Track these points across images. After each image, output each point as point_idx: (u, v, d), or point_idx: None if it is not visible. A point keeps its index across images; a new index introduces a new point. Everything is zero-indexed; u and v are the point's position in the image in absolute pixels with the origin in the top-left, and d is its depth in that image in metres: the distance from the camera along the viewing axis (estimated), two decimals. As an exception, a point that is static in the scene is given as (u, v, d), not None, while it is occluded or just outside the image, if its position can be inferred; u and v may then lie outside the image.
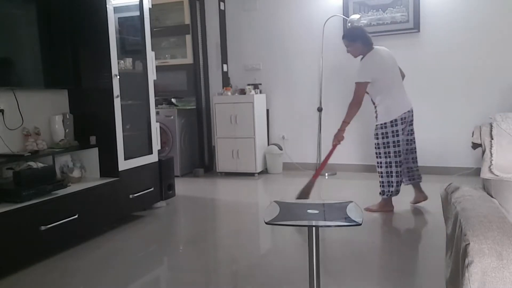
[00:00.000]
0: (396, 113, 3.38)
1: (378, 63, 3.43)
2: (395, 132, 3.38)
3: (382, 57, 3.46)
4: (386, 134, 3.40)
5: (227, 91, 5.36)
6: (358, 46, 3.49)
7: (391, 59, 3.52)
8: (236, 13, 5.61)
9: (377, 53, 3.46)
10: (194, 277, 2.51)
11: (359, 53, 3.51)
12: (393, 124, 3.37)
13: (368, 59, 3.44)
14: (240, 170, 5.27)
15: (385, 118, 3.40)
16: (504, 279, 1.08)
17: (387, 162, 3.43)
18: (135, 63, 3.78)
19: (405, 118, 3.41)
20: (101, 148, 3.43)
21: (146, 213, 3.80)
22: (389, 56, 3.53)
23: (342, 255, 2.73)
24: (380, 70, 3.42)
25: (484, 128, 1.58)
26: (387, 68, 3.46)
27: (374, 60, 3.43)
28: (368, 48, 3.46)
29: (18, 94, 3.10)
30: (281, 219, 1.85)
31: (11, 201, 2.66)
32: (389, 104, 3.40)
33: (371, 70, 3.40)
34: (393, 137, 3.38)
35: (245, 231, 3.36)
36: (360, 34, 3.52)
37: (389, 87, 3.43)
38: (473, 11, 4.59)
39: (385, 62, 3.46)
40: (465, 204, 1.42)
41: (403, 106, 3.42)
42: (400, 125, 3.38)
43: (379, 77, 3.40)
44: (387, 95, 3.41)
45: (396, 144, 3.39)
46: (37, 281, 2.52)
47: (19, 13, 3.08)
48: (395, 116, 3.37)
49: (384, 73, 3.43)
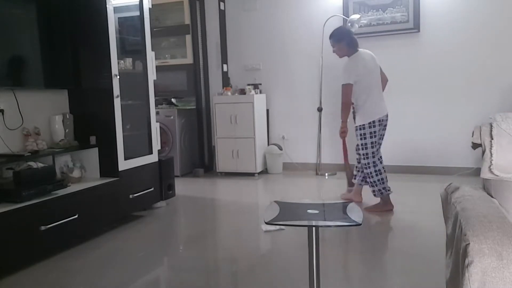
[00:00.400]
0: (375, 115, 3.48)
1: (360, 65, 3.51)
2: (373, 133, 3.48)
3: (365, 60, 3.55)
4: (364, 135, 3.51)
5: (227, 91, 5.36)
6: (343, 47, 3.57)
7: (373, 63, 3.60)
8: (236, 13, 5.61)
9: (360, 55, 3.55)
10: (194, 277, 2.51)
11: (344, 53, 3.60)
12: (371, 126, 3.48)
13: (351, 60, 3.53)
14: (240, 170, 5.27)
15: (364, 120, 3.50)
16: (504, 279, 1.08)
17: (368, 164, 3.55)
18: (135, 63, 3.78)
19: (382, 121, 3.53)
20: (101, 148, 3.43)
21: (146, 213, 3.80)
22: (372, 59, 3.60)
23: (342, 255, 2.73)
24: (362, 72, 3.49)
25: (484, 128, 1.58)
26: (369, 71, 3.53)
27: (357, 62, 3.51)
28: (353, 50, 3.55)
29: (18, 94, 3.10)
30: (281, 219, 1.85)
31: (11, 201, 2.66)
32: (369, 107, 3.49)
33: (354, 71, 3.48)
34: (371, 138, 3.49)
35: (245, 231, 3.36)
36: (346, 35, 3.61)
37: (370, 90, 3.51)
38: (473, 11, 4.59)
39: (367, 65, 3.53)
40: (465, 204, 1.42)
41: (381, 110, 3.52)
42: (377, 127, 3.49)
43: (361, 79, 3.48)
44: (367, 97, 3.50)
45: (374, 145, 3.51)
46: (37, 281, 2.52)
47: (19, 13, 3.08)
48: (373, 118, 3.47)
49: (365, 75, 3.50)
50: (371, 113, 3.48)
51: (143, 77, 3.80)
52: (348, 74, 3.48)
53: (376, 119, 3.48)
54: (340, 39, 3.58)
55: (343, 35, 3.61)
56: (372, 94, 3.51)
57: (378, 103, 3.53)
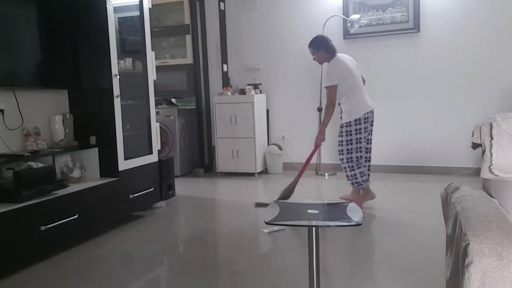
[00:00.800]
0: (359, 112, 3.65)
1: (340, 68, 3.68)
2: (358, 130, 3.65)
3: (344, 63, 3.71)
4: (350, 132, 3.66)
5: (227, 91, 5.35)
6: (322, 54, 3.75)
7: (352, 65, 3.77)
8: (236, 13, 5.61)
9: (339, 59, 3.72)
10: (194, 277, 2.51)
11: (324, 60, 3.78)
12: (357, 123, 3.65)
13: (331, 65, 3.71)
14: (240, 170, 5.27)
15: (350, 117, 3.66)
16: (504, 279, 1.08)
17: (348, 158, 3.69)
18: (135, 63, 3.78)
19: (367, 117, 3.69)
20: (101, 148, 3.43)
21: (146, 213, 3.80)
22: (350, 61, 3.79)
23: (342, 255, 2.73)
24: (342, 75, 3.65)
25: (484, 128, 1.58)
26: (349, 72, 3.69)
27: (337, 65, 3.68)
28: (331, 55, 3.73)
29: (18, 94, 3.10)
30: (281, 219, 1.85)
31: (11, 201, 2.66)
32: (353, 105, 3.67)
33: (336, 74, 3.64)
34: (356, 134, 3.66)
35: (245, 231, 3.36)
36: (323, 44, 3.77)
37: (352, 90, 3.67)
38: (473, 11, 4.59)
39: (347, 67, 3.69)
40: (465, 204, 1.42)
41: (365, 106, 3.69)
42: (363, 123, 3.66)
43: (342, 81, 3.64)
44: (350, 97, 3.67)
45: (358, 141, 3.67)
46: (37, 281, 2.52)
47: (19, 13, 3.08)
48: (358, 115, 3.64)
49: (346, 77, 3.66)
50: (356, 111, 3.65)
51: (143, 77, 3.80)
52: (331, 76, 3.65)
53: (361, 116, 3.64)
54: (318, 48, 3.76)
55: (321, 43, 3.78)
56: (355, 93, 3.68)
57: (362, 100, 3.70)
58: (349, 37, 5.08)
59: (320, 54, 3.76)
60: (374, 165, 5.08)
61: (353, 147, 3.66)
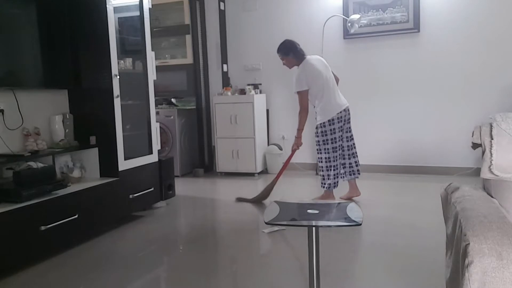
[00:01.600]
0: (332, 113, 3.74)
1: (309, 71, 3.74)
2: (333, 130, 3.74)
3: (313, 65, 3.77)
4: (325, 132, 3.76)
5: (227, 91, 5.35)
6: (291, 59, 3.84)
7: (322, 66, 3.83)
8: (236, 13, 5.61)
9: (309, 62, 3.78)
10: (194, 277, 2.51)
11: (293, 64, 3.86)
12: (331, 123, 3.74)
13: (299, 70, 3.77)
14: (240, 170, 5.27)
15: (324, 118, 3.76)
16: (504, 279, 1.08)
17: (327, 158, 3.77)
18: (135, 63, 3.78)
19: (341, 117, 3.77)
20: (101, 148, 3.43)
21: (146, 213, 3.80)
22: (321, 63, 3.85)
23: (342, 255, 2.73)
24: (312, 77, 3.72)
25: (484, 128, 1.58)
26: (319, 74, 3.75)
27: (306, 69, 3.75)
28: (300, 59, 3.80)
29: (18, 94, 3.10)
30: (281, 219, 1.85)
31: (11, 201, 2.66)
32: (325, 106, 3.75)
33: (305, 79, 3.72)
34: (331, 134, 3.75)
35: (245, 231, 3.36)
36: (292, 48, 3.84)
37: (323, 91, 3.75)
38: (473, 11, 4.59)
39: (316, 69, 3.75)
40: (465, 204, 1.42)
41: (337, 106, 3.77)
42: (337, 123, 3.75)
43: (312, 84, 3.73)
44: (322, 98, 3.75)
45: (334, 141, 3.76)
46: (37, 281, 2.52)
47: (19, 13, 3.08)
48: (331, 115, 3.73)
49: (316, 80, 3.73)
50: (329, 111, 3.74)
51: (143, 77, 3.80)
52: (300, 81, 3.72)
53: (335, 116, 3.73)
54: (287, 53, 3.84)
55: (289, 48, 3.84)
56: (327, 94, 3.76)
57: (334, 101, 3.78)
58: (349, 37, 5.08)
59: (289, 59, 3.85)
60: (374, 165, 5.11)
61: (330, 147, 3.75)
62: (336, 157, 3.76)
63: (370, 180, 4.79)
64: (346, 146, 3.88)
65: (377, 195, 4.19)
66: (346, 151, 3.88)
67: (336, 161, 3.77)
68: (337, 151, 3.77)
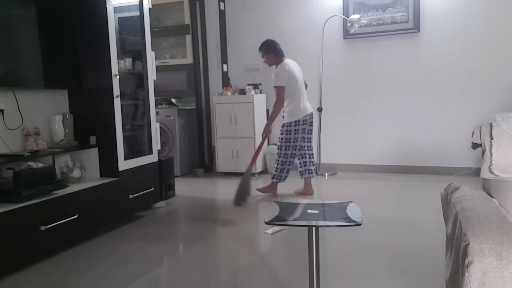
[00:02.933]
0: (299, 115, 4.06)
1: (288, 71, 4.03)
2: (296, 131, 4.06)
3: (291, 67, 4.07)
4: (289, 132, 4.07)
5: (227, 91, 5.35)
6: (271, 57, 4.11)
7: (297, 70, 4.13)
8: (236, 13, 5.61)
9: (287, 64, 4.08)
10: (194, 277, 2.51)
11: (273, 63, 4.14)
12: (296, 124, 4.06)
13: (280, 68, 4.05)
14: (240, 170, 5.25)
15: (291, 119, 4.06)
16: (504, 279, 1.08)
17: (286, 154, 4.11)
18: (135, 63, 3.78)
19: (306, 120, 4.10)
20: (101, 148, 3.43)
21: (146, 213, 3.80)
22: (296, 67, 4.15)
23: (342, 255, 2.73)
24: (289, 78, 4.01)
25: (484, 128, 1.58)
26: (294, 77, 4.05)
27: (285, 69, 4.04)
28: (280, 59, 4.10)
29: (18, 94, 3.10)
30: (281, 219, 1.85)
31: (11, 201, 2.66)
32: (294, 108, 4.06)
33: (283, 77, 4.00)
34: (294, 134, 4.07)
35: (245, 232, 3.36)
36: (273, 47, 4.12)
37: (294, 94, 4.05)
38: (473, 11, 4.59)
39: (292, 72, 4.05)
40: (465, 204, 1.42)
41: (304, 110, 4.10)
42: (301, 125, 4.07)
43: (288, 84, 4.01)
44: (292, 100, 4.06)
45: (295, 140, 4.08)
46: (37, 281, 2.52)
47: (19, 13, 3.08)
48: (298, 117, 4.05)
49: (291, 81, 4.02)
50: (297, 113, 4.05)
51: (143, 77, 3.80)
52: (279, 78, 3.99)
53: (301, 118, 4.05)
54: (268, 51, 4.11)
55: (271, 47, 4.11)
56: (297, 97, 4.06)
57: (302, 104, 4.09)
58: (349, 37, 5.08)
59: (270, 57, 4.11)
60: (374, 165, 5.11)
61: (290, 145, 4.08)
62: (293, 155, 4.11)
63: (370, 180, 4.80)
64: (306, 147, 4.16)
65: (377, 195, 4.19)
66: (306, 151, 4.16)
67: (293, 158, 4.12)
68: (296, 150, 4.10)
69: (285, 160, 4.12)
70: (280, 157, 4.14)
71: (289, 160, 4.12)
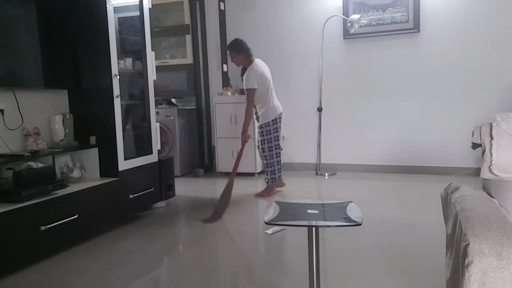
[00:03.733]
0: (275, 114, 4.15)
1: (259, 73, 4.05)
2: (275, 129, 4.16)
3: (262, 68, 4.09)
4: (269, 132, 4.15)
5: (227, 91, 5.35)
6: (242, 58, 4.08)
7: (267, 71, 4.17)
8: (236, 13, 5.61)
9: (257, 65, 4.08)
10: (194, 277, 2.51)
11: (242, 63, 4.14)
12: (274, 123, 4.15)
13: (252, 70, 4.03)
14: (240, 170, 5.24)
15: (268, 118, 4.13)
16: (504, 279, 1.08)
17: (271, 155, 4.18)
18: (135, 63, 3.78)
19: (280, 118, 4.20)
20: (101, 148, 3.43)
21: (146, 213, 3.80)
22: (265, 67, 4.19)
23: (342, 255, 2.73)
24: (261, 79, 4.03)
25: (484, 128, 1.58)
26: (265, 77, 4.08)
27: (257, 70, 4.04)
28: (249, 60, 4.08)
29: (18, 94, 3.10)
30: (281, 219, 1.85)
31: (11, 201, 2.66)
32: (270, 107, 4.13)
33: (255, 78, 4.00)
34: (274, 133, 4.16)
35: (245, 231, 3.36)
36: (245, 48, 4.08)
37: (267, 94, 4.09)
38: (473, 12, 4.59)
39: (263, 73, 4.07)
40: (465, 204, 1.42)
41: (278, 108, 4.19)
42: (278, 123, 4.18)
43: (260, 85, 4.03)
44: (266, 100, 4.10)
45: (276, 139, 4.17)
46: (37, 281, 2.52)
47: (19, 13, 3.08)
48: (274, 116, 4.14)
49: (263, 82, 4.05)
50: (273, 112, 4.13)
51: (143, 77, 3.80)
52: (252, 80, 3.99)
53: (276, 117, 4.14)
54: (239, 51, 4.06)
55: (243, 47, 4.07)
56: (270, 97, 4.11)
57: (275, 103, 4.18)
58: (349, 37, 5.08)
59: (241, 57, 4.07)
60: (374, 165, 5.11)
61: (273, 144, 4.16)
62: (278, 154, 4.21)
63: (370, 180, 4.80)
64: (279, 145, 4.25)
65: (377, 195, 4.19)
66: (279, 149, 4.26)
67: (279, 157, 4.22)
68: (278, 148, 4.21)
69: (274, 161, 4.18)
70: (268, 159, 4.19)
71: (276, 159, 4.18)
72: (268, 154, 4.18)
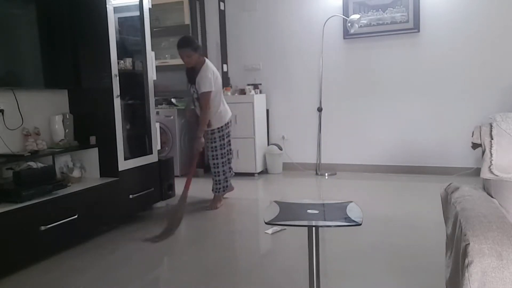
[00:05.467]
0: (227, 117, 3.93)
1: (214, 73, 3.77)
2: (227, 134, 3.94)
3: (213, 68, 3.81)
4: (222, 136, 3.90)
5: (227, 91, 5.35)
6: (196, 56, 3.69)
7: (217, 71, 3.89)
8: (236, 13, 5.61)
9: (211, 65, 3.79)
10: (194, 277, 2.51)
11: (195, 62, 3.71)
12: (227, 127, 3.94)
13: (208, 70, 3.69)
14: (240, 170, 5.26)
15: (221, 122, 3.88)
16: (504, 279, 1.08)
17: (223, 162, 3.94)
18: (135, 63, 3.78)
19: (231, 121, 4.01)
20: (101, 148, 3.43)
21: (146, 213, 3.80)
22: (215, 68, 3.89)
23: (342, 255, 2.73)
24: (215, 80, 3.74)
25: (484, 128, 1.58)
26: (217, 78, 3.82)
27: (213, 71, 3.75)
28: (202, 59, 3.75)
29: (18, 94, 3.10)
30: (281, 219, 1.85)
31: (11, 201, 2.66)
32: (222, 110, 3.90)
33: (212, 80, 3.68)
34: (227, 138, 3.95)
35: (245, 231, 3.36)
36: (199, 45, 3.80)
37: (220, 95, 3.88)
38: (473, 12, 4.59)
39: (216, 73, 3.81)
40: (465, 204, 1.42)
41: (229, 111, 3.99)
42: (230, 127, 3.99)
43: (214, 86, 3.73)
44: (219, 102, 3.86)
45: (228, 144, 3.97)
46: (37, 281, 2.52)
47: (19, 13, 3.08)
48: (226, 120, 3.92)
49: (217, 82, 3.79)
50: (225, 116, 3.92)
51: (143, 77, 3.80)
52: (209, 82, 3.65)
53: (228, 121, 3.94)
54: (196, 48, 3.69)
55: (197, 44, 3.76)
56: (222, 99, 3.92)
57: (226, 106, 3.98)
58: (349, 37, 5.08)
59: (195, 56, 3.66)
60: (374, 165, 5.11)
61: (225, 151, 3.93)
62: (229, 161, 4.00)
63: (370, 180, 4.80)
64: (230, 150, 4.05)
65: (377, 195, 4.19)
66: (230, 154, 4.06)
67: (227, 165, 3.97)
68: (230, 154, 4.02)
69: (223, 169, 3.94)
70: (219, 167, 3.92)
71: (227, 166, 3.97)
72: (219, 162, 3.90)
